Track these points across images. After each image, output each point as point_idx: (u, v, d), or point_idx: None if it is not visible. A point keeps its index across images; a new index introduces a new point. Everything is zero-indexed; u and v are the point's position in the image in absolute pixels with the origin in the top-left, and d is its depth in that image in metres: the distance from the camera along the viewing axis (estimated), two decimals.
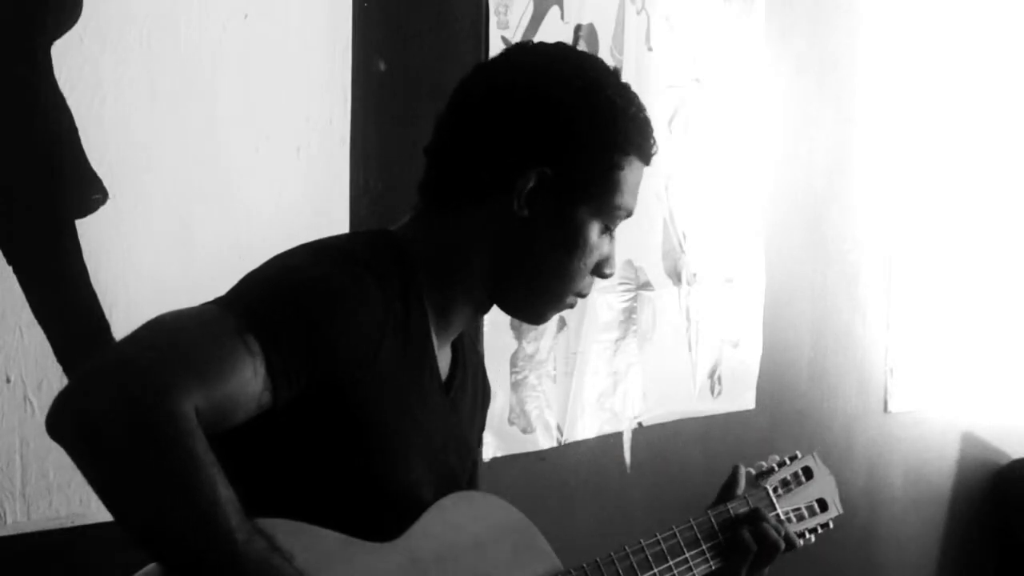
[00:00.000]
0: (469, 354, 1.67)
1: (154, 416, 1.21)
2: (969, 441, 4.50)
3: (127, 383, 1.23)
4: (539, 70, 1.55)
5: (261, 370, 1.30)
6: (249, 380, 1.29)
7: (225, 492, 1.24)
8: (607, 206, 1.53)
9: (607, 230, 1.56)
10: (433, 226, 1.54)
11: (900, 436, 4.14)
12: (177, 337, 1.30)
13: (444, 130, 1.57)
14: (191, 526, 1.23)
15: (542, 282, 1.55)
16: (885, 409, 4.07)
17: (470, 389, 1.66)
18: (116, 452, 1.21)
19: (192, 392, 1.24)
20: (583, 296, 1.59)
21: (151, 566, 1.31)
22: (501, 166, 1.51)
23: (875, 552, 4.04)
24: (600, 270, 1.57)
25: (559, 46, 1.63)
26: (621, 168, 1.53)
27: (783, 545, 1.76)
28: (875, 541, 4.03)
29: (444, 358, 1.57)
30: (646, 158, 1.58)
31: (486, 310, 1.61)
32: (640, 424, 3.07)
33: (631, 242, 3.00)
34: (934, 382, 4.27)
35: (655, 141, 1.59)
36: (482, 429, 1.75)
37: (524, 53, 1.63)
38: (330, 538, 1.38)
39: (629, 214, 1.58)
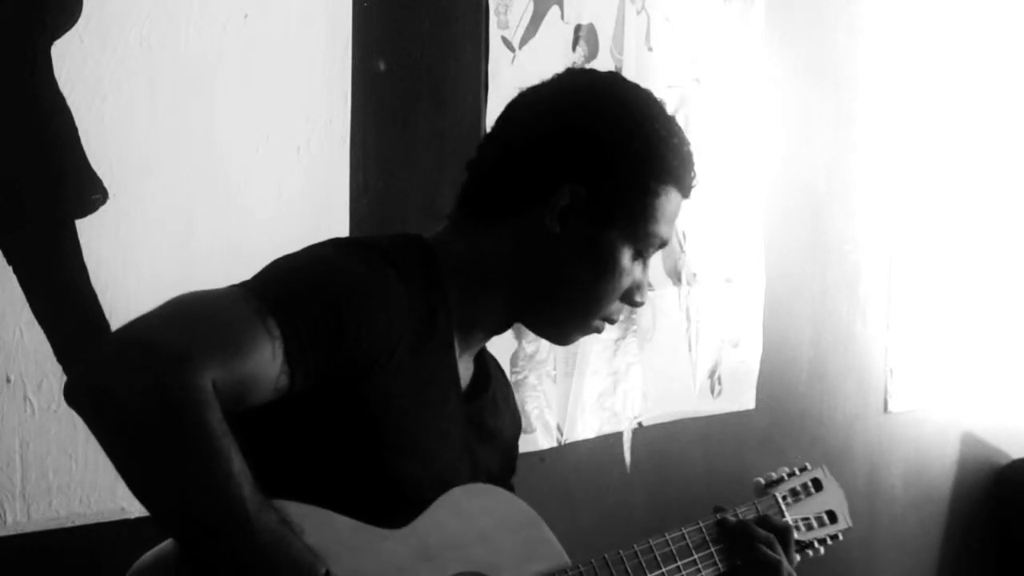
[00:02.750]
0: (498, 378, 1.68)
1: (170, 385, 1.22)
2: (969, 441, 4.50)
3: (145, 352, 1.24)
4: (584, 91, 1.58)
5: (280, 354, 1.31)
6: (267, 362, 1.30)
7: (239, 464, 1.25)
8: (640, 232, 1.54)
9: (639, 256, 1.56)
10: (466, 235, 1.56)
11: (900, 436, 4.14)
12: (198, 313, 1.31)
13: (486, 145, 1.59)
14: (203, 496, 1.24)
15: (569, 301, 1.55)
16: (885, 409, 4.07)
17: (503, 411, 1.67)
18: (132, 421, 1.22)
19: (210, 365, 1.25)
20: (611, 322, 1.59)
21: (165, 544, 1.32)
22: (536, 180, 1.52)
23: (875, 552, 4.04)
24: (631, 297, 1.58)
25: (611, 74, 1.67)
26: (657, 196, 1.54)
27: (796, 556, 1.77)
28: (875, 541, 4.03)
29: (465, 368, 1.58)
30: (685, 190, 1.58)
31: (505, 327, 1.61)
32: (640, 424, 3.07)
33: None
34: (934, 382, 4.27)
35: (696, 175, 1.59)
36: (514, 459, 1.74)
37: (573, 76, 1.65)
38: (340, 522, 1.39)
39: (663, 243, 1.58)
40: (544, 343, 2.77)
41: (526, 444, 2.74)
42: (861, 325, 3.95)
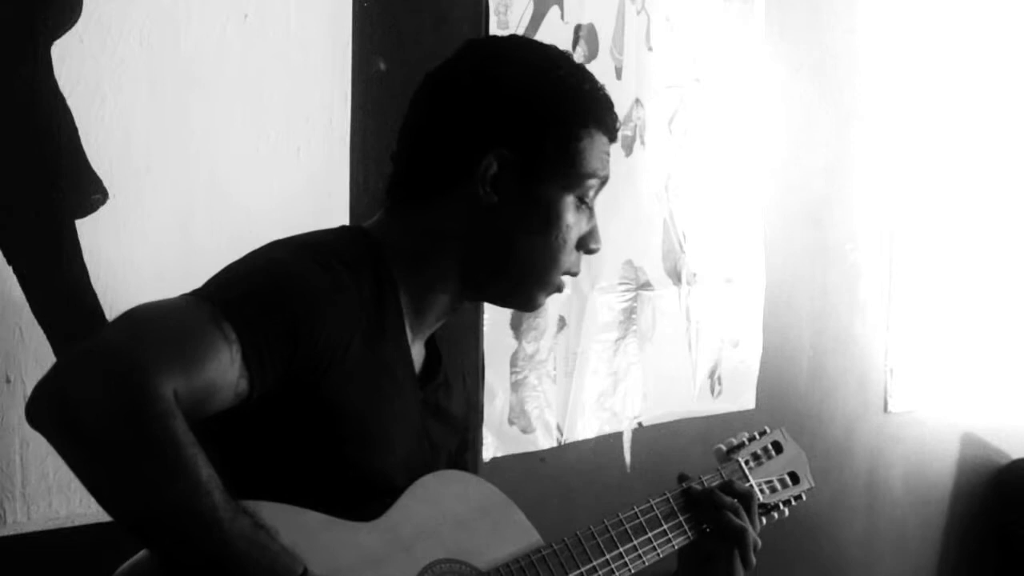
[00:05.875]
0: (449, 353, 1.68)
1: (133, 398, 1.22)
2: (969, 441, 4.50)
3: (105, 368, 1.24)
4: (487, 56, 1.58)
5: (237, 358, 1.31)
6: (226, 367, 1.31)
7: (207, 472, 1.24)
8: (575, 177, 1.54)
9: (583, 203, 1.56)
10: (403, 221, 1.56)
11: (900, 436, 4.14)
12: (155, 324, 1.31)
13: (404, 132, 1.59)
14: (175, 506, 1.23)
15: (524, 265, 1.55)
16: (885, 409, 4.07)
17: (454, 390, 1.67)
18: (97, 436, 1.22)
19: (171, 376, 1.25)
20: (573, 274, 1.59)
21: (142, 553, 1.32)
22: (461, 153, 1.52)
23: (875, 552, 4.04)
24: (586, 245, 1.58)
25: (511, 37, 1.66)
26: (580, 140, 1.54)
27: (762, 520, 1.78)
28: (875, 541, 4.03)
29: (418, 353, 1.58)
30: (608, 131, 1.58)
31: (462, 302, 1.61)
32: (640, 424, 3.07)
33: (631, 242, 3.00)
34: (934, 382, 4.27)
35: (617, 117, 1.59)
36: (466, 429, 1.76)
37: (473, 46, 1.65)
38: (312, 517, 1.39)
39: (603, 182, 1.58)
40: (544, 343, 2.77)
41: (526, 444, 2.75)
42: (861, 325, 3.95)
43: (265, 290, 1.38)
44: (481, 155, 1.51)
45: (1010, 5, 4.51)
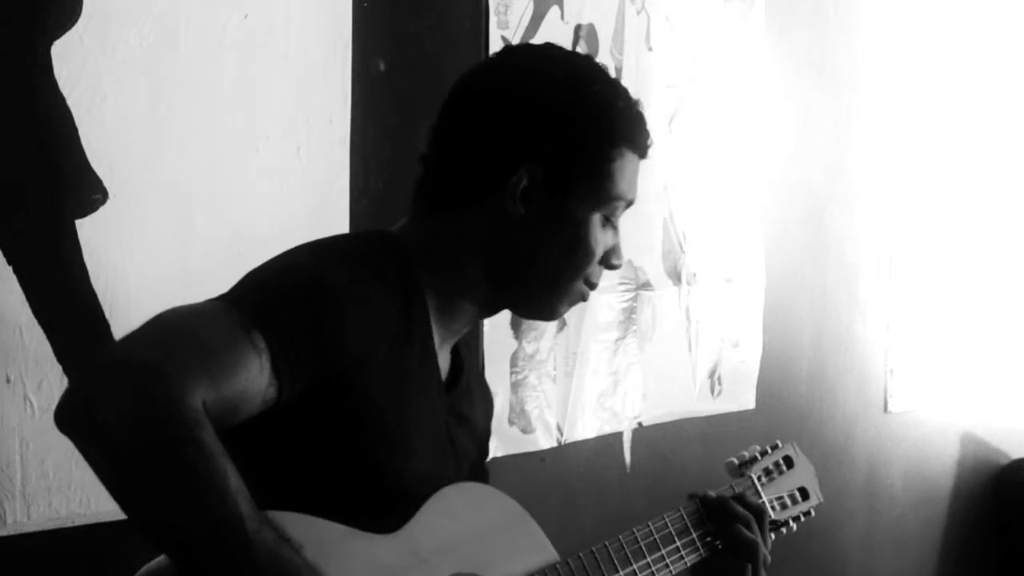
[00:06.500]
0: (470, 359, 1.68)
1: (164, 408, 1.22)
2: (969, 441, 4.50)
3: (136, 377, 1.23)
4: (524, 68, 1.58)
5: (267, 366, 1.31)
6: (255, 375, 1.30)
7: (235, 482, 1.24)
8: (604, 198, 1.54)
9: (608, 221, 1.57)
10: (432, 229, 1.55)
11: (900, 436, 4.14)
12: (184, 332, 1.30)
13: (436, 136, 1.58)
14: (202, 516, 1.23)
15: (549, 278, 1.56)
16: (885, 409, 4.07)
17: (476, 397, 1.67)
18: (127, 445, 1.22)
19: (200, 385, 1.25)
20: (594, 286, 1.60)
21: (159, 559, 1.32)
22: (492, 166, 1.52)
23: (875, 552, 4.04)
24: (608, 261, 1.59)
25: (547, 46, 1.65)
26: (612, 160, 1.54)
27: (769, 538, 1.78)
28: (875, 541, 4.03)
29: (444, 359, 1.58)
30: (640, 150, 1.58)
31: (491, 312, 1.61)
32: (640, 424, 3.08)
33: (631, 242, 2.98)
34: (934, 382, 4.27)
35: (649, 134, 1.59)
36: (487, 437, 1.76)
37: (511, 54, 1.66)
38: (334, 529, 1.39)
39: (629, 204, 1.59)
40: (544, 343, 2.77)
41: (526, 444, 2.75)
42: (861, 325, 3.95)
43: (293, 297, 1.37)
44: (512, 168, 1.51)
45: (1010, 5, 4.51)
